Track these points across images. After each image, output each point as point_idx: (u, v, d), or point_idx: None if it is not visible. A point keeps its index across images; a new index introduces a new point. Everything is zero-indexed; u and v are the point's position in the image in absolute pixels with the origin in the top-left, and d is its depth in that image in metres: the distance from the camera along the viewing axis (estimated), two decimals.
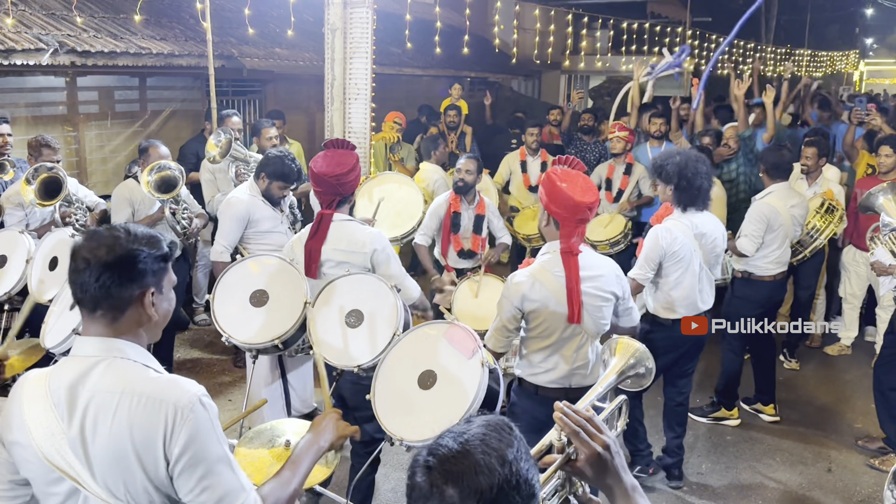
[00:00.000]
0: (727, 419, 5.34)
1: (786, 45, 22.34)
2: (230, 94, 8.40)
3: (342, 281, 3.09)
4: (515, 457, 1.23)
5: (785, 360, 6.36)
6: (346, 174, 3.50)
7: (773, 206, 5.07)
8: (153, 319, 1.80)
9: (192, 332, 6.89)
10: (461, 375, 2.53)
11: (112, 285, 1.72)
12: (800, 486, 4.60)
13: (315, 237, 3.53)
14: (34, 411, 1.71)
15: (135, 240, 1.75)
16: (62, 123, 6.73)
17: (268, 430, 2.67)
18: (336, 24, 6.60)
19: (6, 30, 5.75)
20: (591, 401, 1.80)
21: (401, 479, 4.51)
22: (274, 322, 3.00)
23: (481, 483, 1.18)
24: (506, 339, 3.30)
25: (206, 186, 6.11)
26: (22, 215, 4.95)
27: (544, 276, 3.18)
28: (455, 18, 10.95)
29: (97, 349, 1.74)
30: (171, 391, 1.70)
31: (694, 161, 4.13)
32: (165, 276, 1.83)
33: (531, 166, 7.45)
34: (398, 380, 2.65)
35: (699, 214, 4.22)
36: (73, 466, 1.68)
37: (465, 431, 1.26)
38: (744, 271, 5.22)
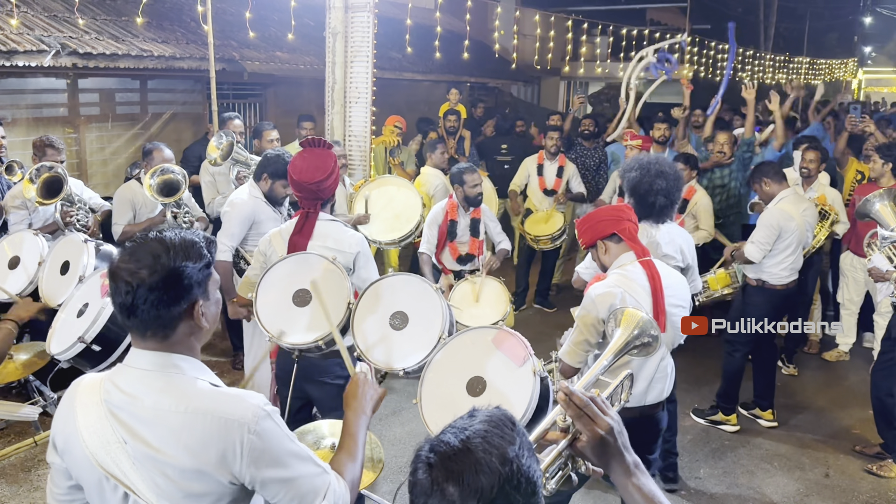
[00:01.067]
0: (724, 424, 5.35)
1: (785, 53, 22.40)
2: (231, 97, 8.42)
3: (386, 281, 3.02)
4: (517, 454, 1.22)
5: (783, 366, 6.37)
6: (325, 180, 3.49)
7: (787, 211, 5.04)
8: (204, 328, 1.77)
9: None
10: (512, 383, 2.45)
11: (160, 307, 1.66)
12: (797, 491, 4.61)
13: (301, 233, 3.50)
14: (89, 419, 1.71)
15: (176, 254, 1.67)
16: (63, 125, 6.74)
17: (312, 430, 2.66)
18: (337, 27, 6.62)
19: (8, 31, 5.77)
20: (596, 374, 1.80)
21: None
22: (317, 322, 2.95)
23: (482, 482, 1.18)
24: (585, 353, 3.18)
25: (206, 189, 6.12)
26: (25, 215, 4.97)
27: (629, 285, 3.12)
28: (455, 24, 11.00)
29: (153, 364, 1.71)
30: (236, 408, 1.68)
31: (651, 176, 3.99)
32: (210, 281, 1.78)
33: (548, 170, 7.48)
34: (445, 385, 2.56)
35: (658, 226, 4.10)
36: (127, 475, 1.67)
37: (467, 427, 1.26)
38: (758, 279, 5.20)
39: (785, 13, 23.81)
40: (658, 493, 1.48)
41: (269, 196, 4.71)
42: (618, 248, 3.26)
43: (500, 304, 5.03)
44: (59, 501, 1.84)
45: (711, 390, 5.66)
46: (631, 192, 4.09)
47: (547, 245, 7.06)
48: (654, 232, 4.09)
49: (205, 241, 1.77)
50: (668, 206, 4.07)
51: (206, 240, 1.78)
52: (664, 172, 4.01)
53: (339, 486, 1.81)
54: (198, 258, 1.71)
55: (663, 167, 4.05)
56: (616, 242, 3.23)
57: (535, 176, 7.52)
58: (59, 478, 1.81)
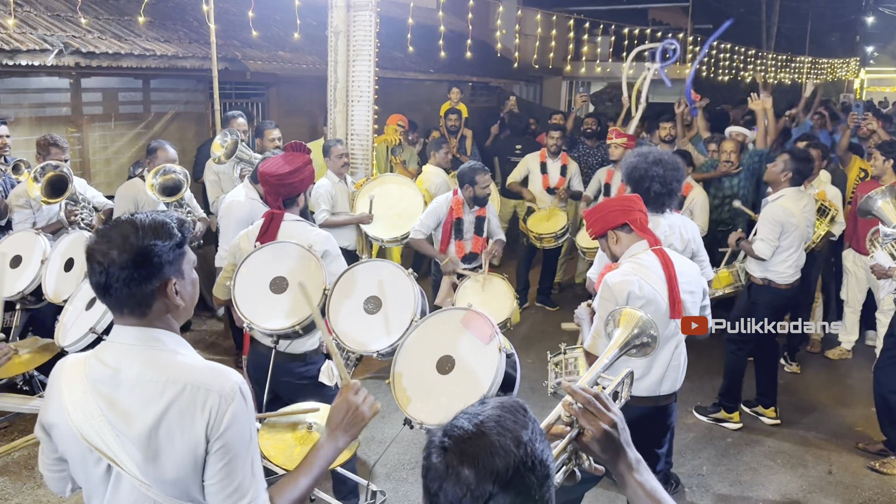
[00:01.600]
0: (727, 421, 5.35)
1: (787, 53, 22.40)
2: (233, 96, 8.43)
3: (360, 268, 3.12)
4: (531, 438, 1.23)
5: (786, 364, 6.37)
6: (287, 175, 3.51)
7: (788, 207, 5.02)
8: (180, 306, 1.82)
9: (194, 333, 6.91)
10: (479, 360, 2.56)
11: (132, 284, 1.71)
12: (800, 488, 4.61)
13: (266, 235, 3.52)
14: (73, 394, 1.76)
15: (145, 234, 1.72)
16: (66, 124, 6.76)
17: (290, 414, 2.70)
18: (339, 26, 6.64)
19: (11, 30, 5.78)
20: (596, 373, 1.81)
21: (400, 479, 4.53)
22: (294, 308, 3.03)
23: (497, 464, 1.18)
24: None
25: (210, 188, 6.13)
26: (29, 214, 4.98)
27: (645, 272, 3.15)
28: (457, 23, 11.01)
29: (135, 338, 1.77)
30: (215, 379, 1.74)
31: (652, 164, 4.00)
32: (184, 260, 1.82)
33: (551, 168, 7.48)
34: (416, 365, 2.67)
35: (656, 217, 4.10)
36: (110, 446, 1.72)
37: (480, 413, 1.27)
38: (763, 278, 5.18)
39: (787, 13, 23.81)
40: (660, 490, 1.49)
41: (264, 198, 4.72)
42: (629, 237, 3.28)
43: (506, 301, 5.04)
44: (48, 469, 1.91)
45: (713, 387, 5.66)
46: (627, 178, 4.11)
47: (550, 243, 7.06)
48: (655, 225, 4.06)
49: (176, 221, 1.81)
50: (664, 195, 4.05)
51: (177, 220, 1.81)
52: (661, 160, 4.03)
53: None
54: (167, 237, 1.75)
55: (661, 156, 4.07)
56: (627, 232, 3.26)
57: (537, 174, 7.52)
58: (47, 449, 1.88)
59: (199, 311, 7.42)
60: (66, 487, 1.95)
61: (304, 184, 3.62)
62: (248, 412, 1.76)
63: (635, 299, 3.09)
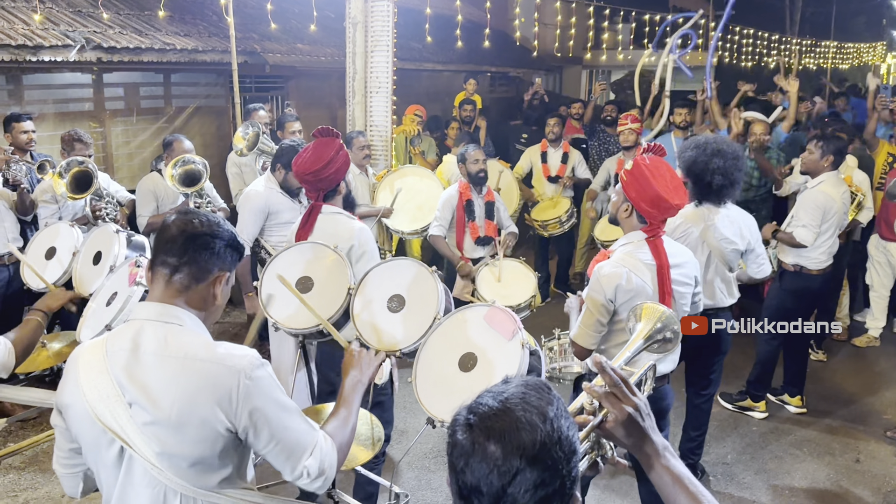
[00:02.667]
0: (752, 410, 5.30)
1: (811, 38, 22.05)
2: (253, 90, 8.46)
3: (384, 266, 3.10)
4: (556, 414, 1.23)
5: (812, 352, 6.29)
6: (321, 169, 3.46)
7: (829, 194, 4.91)
8: (217, 303, 1.91)
9: (218, 324, 6.97)
10: (502, 357, 2.52)
11: (200, 253, 1.84)
12: (827, 476, 4.56)
13: (304, 227, 3.53)
14: (90, 374, 1.78)
15: (220, 225, 1.91)
16: (89, 119, 6.82)
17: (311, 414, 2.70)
18: (357, 17, 6.63)
19: (34, 26, 5.84)
20: (618, 366, 1.79)
21: (424, 468, 4.54)
22: (319, 307, 3.02)
23: (524, 439, 1.18)
24: (598, 333, 3.17)
25: (232, 180, 6.17)
26: (55, 209, 5.04)
27: (635, 264, 3.12)
28: (475, 13, 10.96)
29: (156, 313, 1.82)
30: (233, 357, 1.79)
31: (712, 156, 3.91)
32: (235, 268, 1.96)
33: (551, 157, 7.45)
34: (439, 363, 2.65)
35: (716, 209, 4.03)
36: (124, 428, 1.73)
37: (504, 390, 1.27)
38: (796, 264, 5.09)
39: None
40: (688, 474, 1.46)
41: (284, 186, 4.73)
42: (632, 224, 3.22)
43: (527, 281, 5.03)
44: (61, 464, 1.95)
45: (738, 375, 5.60)
46: (687, 172, 4.01)
47: (556, 230, 7.01)
48: (714, 216, 4.03)
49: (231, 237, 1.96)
50: (726, 186, 3.97)
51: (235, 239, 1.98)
52: (721, 151, 3.94)
53: (327, 444, 1.90)
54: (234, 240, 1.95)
55: (720, 146, 3.97)
56: (638, 221, 3.19)
57: (538, 164, 7.48)
58: (62, 440, 1.90)
59: None
60: (77, 487, 1.97)
61: (341, 173, 3.55)
62: (270, 380, 1.82)
63: (623, 292, 3.07)
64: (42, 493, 4.24)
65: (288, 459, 1.83)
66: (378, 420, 2.96)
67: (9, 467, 4.41)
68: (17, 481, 4.34)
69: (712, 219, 4.03)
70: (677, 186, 3.09)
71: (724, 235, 4.02)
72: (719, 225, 4.02)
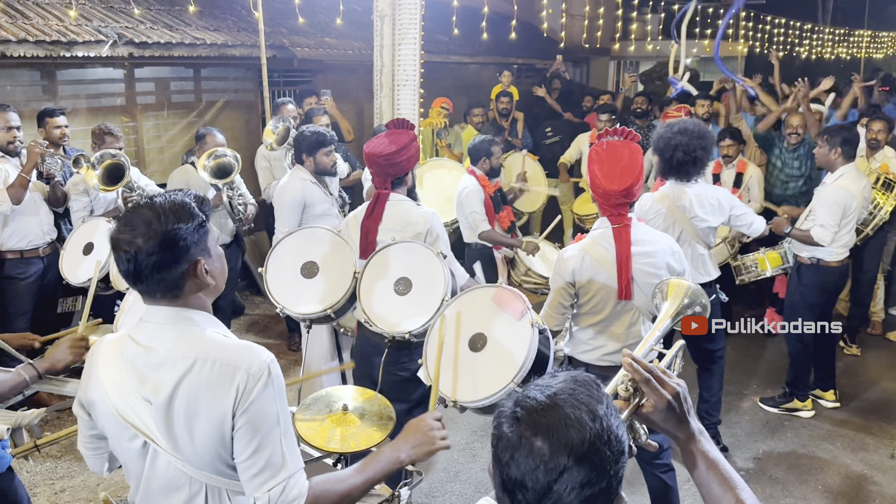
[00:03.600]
0: (800, 410, 5.19)
1: (844, 27, 21.62)
2: (281, 84, 8.50)
3: (390, 249, 3.13)
4: (606, 412, 1.21)
5: (845, 346, 6.20)
6: (394, 154, 3.47)
7: (849, 189, 4.82)
8: (210, 284, 1.83)
9: (247, 317, 7.04)
10: (511, 337, 2.53)
11: (161, 269, 1.71)
12: (861, 472, 4.49)
13: (371, 216, 3.53)
14: (109, 371, 1.80)
15: (167, 218, 1.70)
16: (121, 114, 6.91)
17: (324, 396, 2.72)
18: (385, 10, 6.64)
19: (69, 22, 5.93)
20: (649, 345, 1.79)
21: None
22: (325, 292, 3.05)
23: (572, 437, 1.16)
24: (561, 315, 3.30)
25: (262, 174, 6.22)
26: (87, 201, 5.12)
27: (595, 249, 3.18)
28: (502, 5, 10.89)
29: (168, 317, 1.79)
30: (244, 356, 1.74)
31: (676, 133, 4.06)
32: (208, 238, 1.81)
33: None
34: (449, 343, 2.65)
35: (686, 186, 4.14)
36: (146, 423, 1.76)
37: (552, 385, 1.25)
38: (811, 258, 4.99)
39: None
40: (722, 460, 1.45)
41: (317, 172, 4.75)
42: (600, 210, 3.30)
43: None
44: (85, 447, 1.98)
45: (769, 370, 5.55)
46: (654, 148, 4.22)
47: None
48: (681, 195, 4.12)
49: (195, 200, 1.79)
50: (687, 163, 4.09)
51: (196, 199, 1.80)
52: (686, 129, 4.08)
53: (295, 491, 1.75)
54: (189, 218, 1.74)
55: (687, 125, 4.13)
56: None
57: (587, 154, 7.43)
58: (84, 427, 1.94)
59: (252, 295, 7.56)
60: (103, 466, 2.01)
61: (412, 162, 3.58)
62: (275, 391, 1.74)
63: (578, 275, 3.17)
64: (78, 481, 4.32)
65: (254, 477, 1.73)
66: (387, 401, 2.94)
67: (46, 455, 4.50)
68: (55, 469, 4.44)
69: (681, 198, 4.13)
70: (625, 171, 3.08)
71: (694, 213, 4.14)
72: (687, 203, 4.12)
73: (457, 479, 4.35)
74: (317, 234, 3.27)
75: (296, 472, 1.77)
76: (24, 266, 5.03)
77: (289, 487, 1.74)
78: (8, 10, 5.78)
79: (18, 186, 4.80)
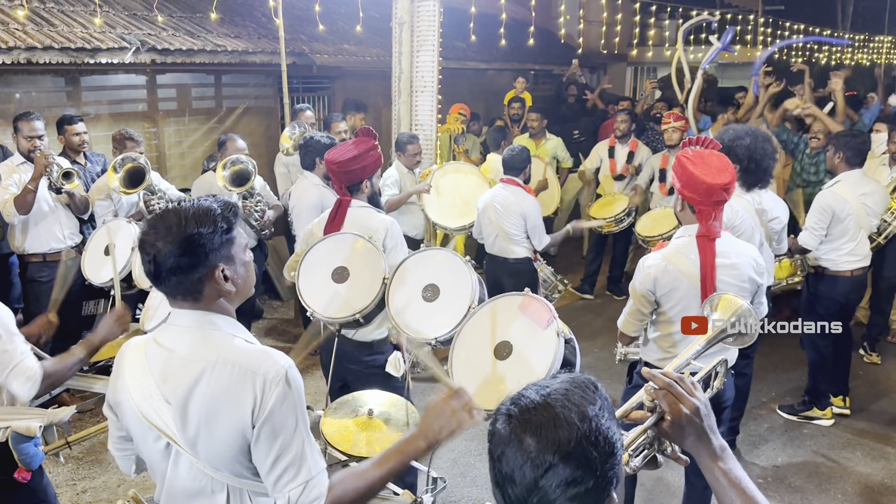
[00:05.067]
0: (819, 419, 5.16)
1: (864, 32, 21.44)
2: (300, 90, 8.58)
3: (418, 256, 3.16)
4: (597, 414, 1.24)
5: (865, 354, 6.15)
6: (348, 161, 3.53)
7: (841, 194, 4.83)
8: (231, 291, 1.85)
9: (266, 321, 7.09)
10: (537, 345, 2.55)
11: (178, 273, 1.76)
12: (882, 480, 4.45)
13: (333, 222, 3.60)
14: (134, 373, 1.85)
15: (188, 223, 1.75)
16: (142, 120, 7.00)
17: (350, 400, 2.75)
18: (403, 17, 6.69)
19: (93, 30, 6.03)
20: (687, 359, 1.77)
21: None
22: (354, 297, 3.08)
23: (560, 435, 1.20)
24: (640, 322, 3.30)
25: (280, 179, 6.28)
26: (109, 205, 5.19)
27: (678, 259, 3.15)
28: (520, 11, 10.93)
29: (192, 321, 1.83)
30: (263, 362, 1.77)
31: (762, 142, 4.10)
32: (233, 245, 1.83)
33: (619, 153, 7.41)
34: (474, 352, 2.67)
35: (762, 193, 4.23)
36: (168, 424, 1.79)
37: (549, 385, 1.29)
38: (816, 266, 5.00)
39: None
40: (745, 479, 1.44)
41: (326, 176, 4.80)
42: (689, 217, 3.23)
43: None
44: (115, 448, 2.03)
45: (790, 377, 5.52)
46: (749, 158, 4.12)
47: (611, 227, 6.96)
48: (761, 199, 4.22)
49: (222, 206, 1.82)
50: (772, 169, 4.23)
51: (223, 206, 1.82)
52: (768, 138, 4.23)
53: (316, 491, 1.77)
54: (211, 224, 1.77)
55: (755, 131, 4.20)
56: (691, 212, 3.19)
57: (606, 160, 7.45)
58: (113, 428, 1.99)
59: (270, 300, 7.62)
60: (131, 467, 2.06)
61: (367, 171, 3.62)
62: (294, 396, 1.77)
63: (662, 285, 3.15)
64: (99, 482, 4.38)
65: (277, 481, 1.77)
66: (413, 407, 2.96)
67: (67, 457, 4.55)
68: (76, 471, 4.49)
69: (760, 202, 4.20)
70: (721, 169, 3.08)
71: (773, 215, 4.25)
72: (767, 206, 4.23)
73: (474, 484, 4.36)
74: (347, 240, 3.30)
75: (317, 473, 1.80)
76: (47, 269, 5.10)
77: (309, 488, 1.77)
78: (34, 18, 5.88)
79: (24, 196, 4.84)
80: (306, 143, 4.91)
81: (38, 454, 2.60)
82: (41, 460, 2.65)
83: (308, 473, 1.78)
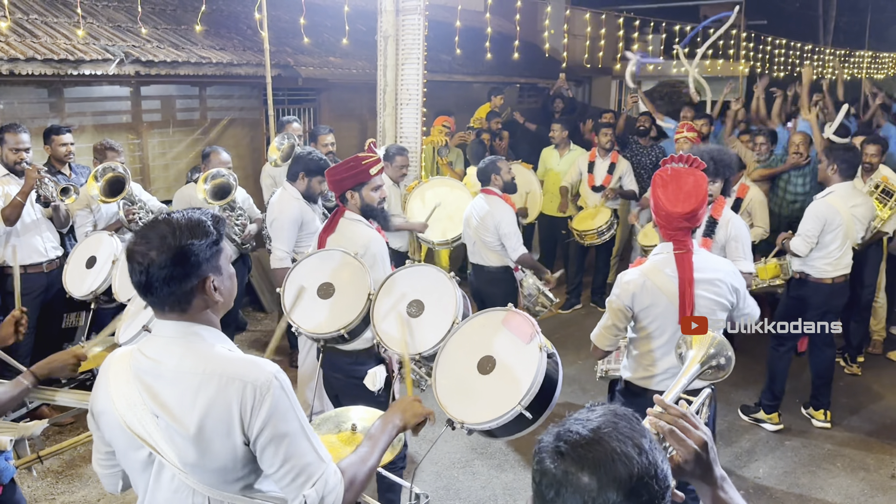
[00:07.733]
0: (765, 422, 5.25)
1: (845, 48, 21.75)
2: (286, 102, 8.58)
3: (404, 272, 3.17)
4: (651, 446, 1.19)
5: (846, 366, 6.20)
6: (329, 171, 3.77)
7: (833, 205, 4.96)
8: (219, 302, 1.87)
9: (249, 333, 7.07)
10: (519, 360, 2.55)
11: (171, 283, 1.76)
12: (861, 492, 4.49)
13: (327, 229, 3.73)
14: (118, 383, 1.84)
15: (182, 234, 1.75)
16: (126, 131, 6.98)
17: (333, 416, 2.75)
18: (388, 31, 6.73)
19: (76, 41, 6.01)
20: (675, 394, 1.76)
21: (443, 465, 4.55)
22: (340, 313, 3.09)
23: (620, 471, 1.14)
24: (614, 337, 3.32)
25: (266, 191, 6.28)
26: (89, 215, 5.19)
27: (656, 275, 3.18)
28: (505, 25, 11.00)
29: (176, 332, 1.83)
30: (250, 371, 1.77)
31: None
32: (220, 256, 1.86)
33: (598, 167, 7.45)
34: (458, 366, 2.68)
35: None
36: (152, 435, 1.79)
37: (592, 419, 1.23)
38: (800, 272, 5.11)
39: (845, 6, 23.16)
40: None
41: (306, 194, 4.78)
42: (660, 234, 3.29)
43: None
44: (100, 465, 2.01)
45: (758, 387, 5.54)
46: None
47: (594, 240, 6.99)
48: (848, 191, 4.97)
49: (212, 219, 1.83)
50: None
51: (213, 218, 1.84)
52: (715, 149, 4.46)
53: (334, 479, 1.84)
54: (204, 235, 1.79)
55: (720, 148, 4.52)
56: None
57: (585, 173, 7.50)
58: (99, 443, 1.97)
59: (254, 312, 7.59)
60: (117, 485, 2.05)
61: (343, 184, 3.69)
62: (287, 398, 1.79)
63: (638, 301, 3.19)
64: (78, 496, 4.33)
65: (291, 484, 1.79)
66: None
67: (46, 471, 4.51)
68: (55, 485, 4.44)
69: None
70: (689, 195, 3.09)
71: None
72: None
73: (457, 497, 4.35)
74: (333, 256, 3.32)
75: (328, 469, 1.84)
76: (27, 281, 5.06)
77: (324, 489, 1.81)
78: (17, 29, 5.87)
79: (12, 208, 4.83)
80: (299, 154, 4.88)
81: (9, 468, 2.58)
82: (12, 475, 2.62)
83: (320, 469, 1.81)
